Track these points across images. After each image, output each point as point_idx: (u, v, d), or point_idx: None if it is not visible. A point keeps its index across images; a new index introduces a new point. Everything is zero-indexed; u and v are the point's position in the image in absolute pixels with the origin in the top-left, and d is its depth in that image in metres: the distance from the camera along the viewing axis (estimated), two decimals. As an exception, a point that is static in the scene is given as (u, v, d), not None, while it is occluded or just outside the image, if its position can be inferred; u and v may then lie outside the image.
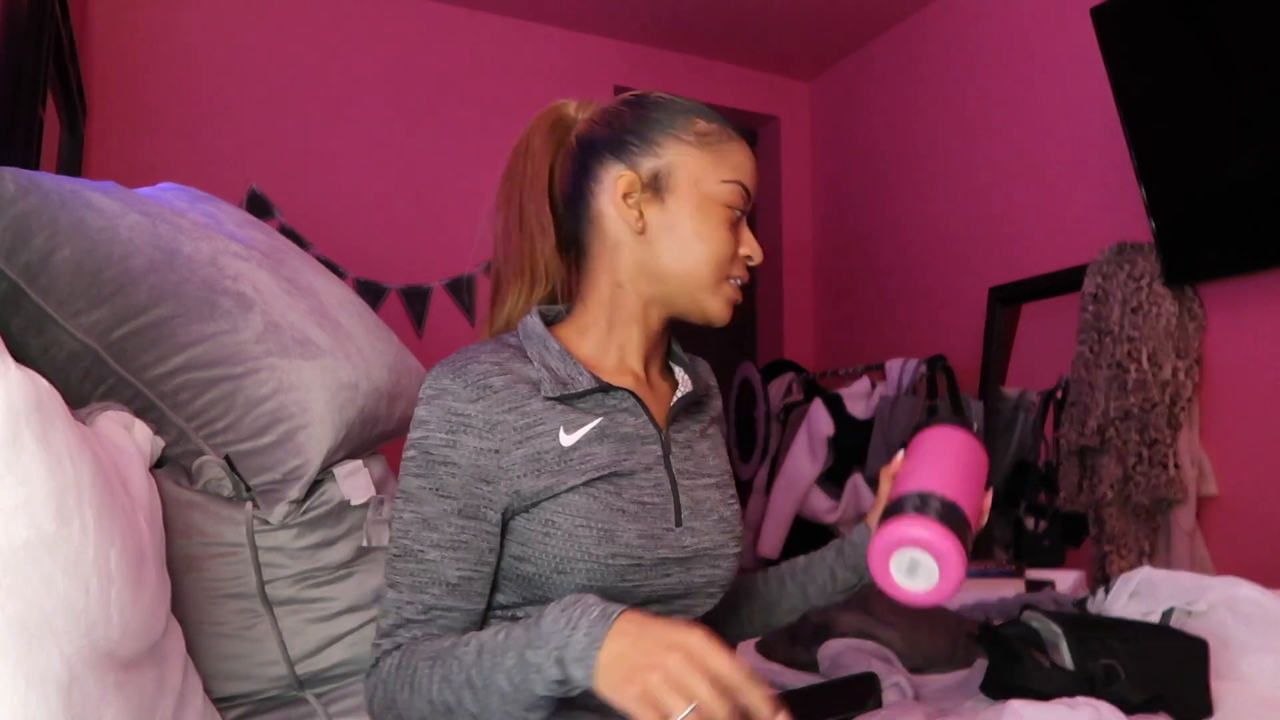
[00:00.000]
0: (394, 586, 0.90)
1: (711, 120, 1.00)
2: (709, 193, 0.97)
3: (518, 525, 0.91)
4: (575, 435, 0.92)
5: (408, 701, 0.85)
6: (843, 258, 3.86)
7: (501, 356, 0.94)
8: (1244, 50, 2.22)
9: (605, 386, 0.95)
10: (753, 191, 1.00)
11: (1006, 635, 1.27)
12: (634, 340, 1.01)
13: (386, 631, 0.90)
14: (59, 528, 0.68)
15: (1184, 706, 1.18)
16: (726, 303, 0.99)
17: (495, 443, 0.90)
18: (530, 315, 1.00)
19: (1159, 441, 2.35)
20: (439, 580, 0.89)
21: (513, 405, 0.91)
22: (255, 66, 3.05)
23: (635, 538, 0.91)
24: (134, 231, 1.14)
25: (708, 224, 0.97)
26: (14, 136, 1.51)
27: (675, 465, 0.98)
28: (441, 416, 0.90)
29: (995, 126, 3.12)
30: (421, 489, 0.90)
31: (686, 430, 1.03)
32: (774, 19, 3.51)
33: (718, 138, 0.99)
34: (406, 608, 0.89)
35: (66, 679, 0.67)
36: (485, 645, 0.82)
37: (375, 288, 3.16)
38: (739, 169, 0.99)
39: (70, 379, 1.12)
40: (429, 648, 0.87)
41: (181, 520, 1.08)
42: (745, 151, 1.01)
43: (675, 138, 0.98)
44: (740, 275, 1.00)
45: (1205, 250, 2.35)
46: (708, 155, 0.98)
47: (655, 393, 1.02)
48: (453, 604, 0.89)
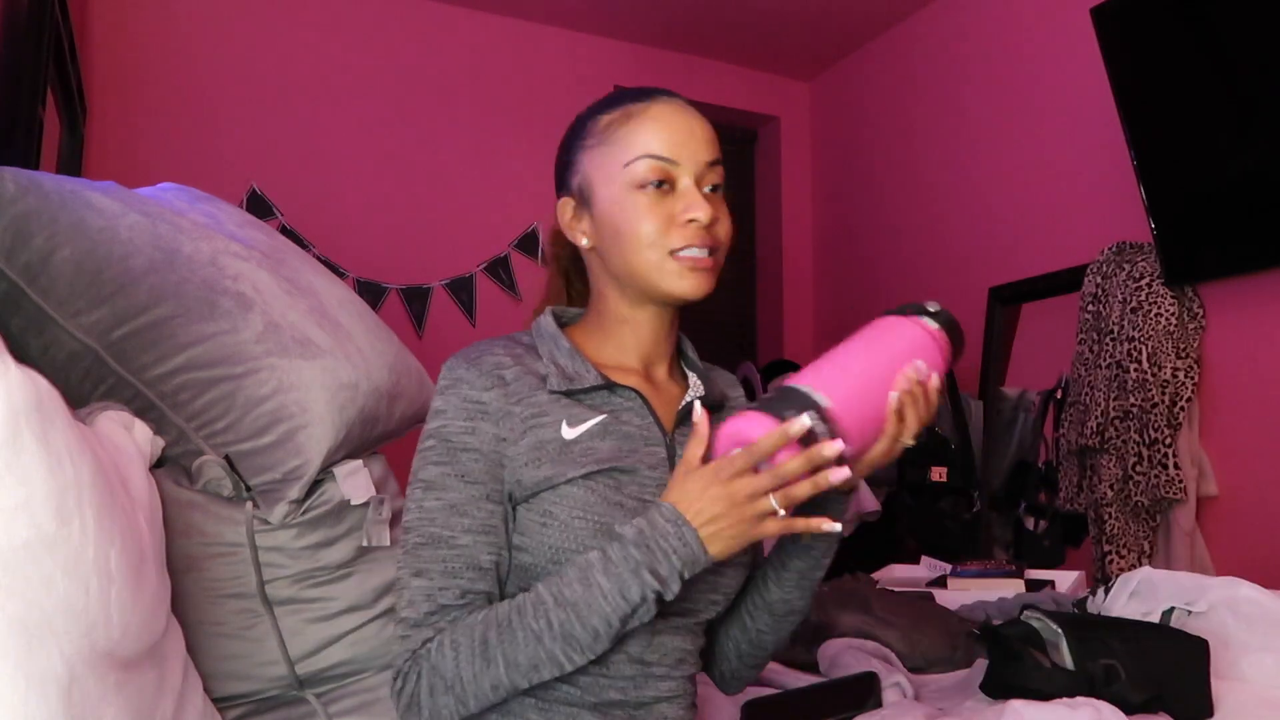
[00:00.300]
0: (422, 574, 0.90)
1: (613, 108, 0.99)
2: (619, 183, 0.96)
3: (518, 515, 0.93)
4: (578, 429, 0.94)
5: (478, 673, 0.85)
6: (842, 257, 3.86)
7: (514, 351, 0.97)
8: (1244, 50, 2.22)
9: (611, 385, 0.97)
10: (672, 153, 0.95)
11: (1006, 635, 1.27)
12: (629, 341, 1.02)
13: (419, 621, 0.89)
14: (59, 528, 0.68)
15: (1184, 706, 1.18)
16: (682, 275, 0.95)
17: (506, 431, 0.93)
18: (544, 315, 1.03)
19: (1159, 441, 2.35)
20: (473, 564, 0.90)
21: (521, 397, 0.94)
22: (255, 66, 3.05)
23: None
24: (134, 231, 1.14)
25: (624, 213, 0.96)
26: (14, 136, 1.51)
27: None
28: (459, 405, 0.93)
29: (995, 126, 3.12)
30: (445, 476, 0.91)
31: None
32: (774, 19, 3.51)
33: (619, 123, 0.98)
34: (441, 594, 0.89)
35: (66, 679, 0.67)
36: (565, 597, 0.85)
37: (375, 288, 3.16)
38: (644, 142, 0.96)
39: (70, 379, 1.12)
40: (486, 618, 0.87)
41: (181, 520, 1.08)
42: (656, 118, 0.97)
43: (582, 147, 1.00)
44: (689, 241, 0.95)
45: (1205, 250, 2.35)
46: (607, 149, 0.97)
47: (663, 395, 1.03)
48: (484, 588, 0.90)
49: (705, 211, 0.94)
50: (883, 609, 1.63)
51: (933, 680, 1.49)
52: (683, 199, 0.96)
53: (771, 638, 1.06)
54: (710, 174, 0.98)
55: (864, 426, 0.89)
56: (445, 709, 0.86)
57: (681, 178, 0.96)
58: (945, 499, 2.97)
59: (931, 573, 2.31)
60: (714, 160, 0.98)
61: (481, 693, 0.86)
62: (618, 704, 0.94)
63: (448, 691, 0.86)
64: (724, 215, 0.99)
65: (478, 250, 3.37)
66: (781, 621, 1.04)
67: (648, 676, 0.95)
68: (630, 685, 0.94)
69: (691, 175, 0.96)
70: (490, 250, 3.38)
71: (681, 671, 0.99)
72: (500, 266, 3.39)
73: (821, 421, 0.83)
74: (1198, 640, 1.25)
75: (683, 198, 0.96)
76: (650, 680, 0.95)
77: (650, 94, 0.99)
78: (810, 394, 0.84)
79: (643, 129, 0.96)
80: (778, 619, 1.04)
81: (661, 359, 1.05)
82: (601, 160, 0.98)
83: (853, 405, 0.86)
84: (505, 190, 3.37)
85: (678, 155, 0.96)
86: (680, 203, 0.95)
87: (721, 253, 0.99)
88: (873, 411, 0.89)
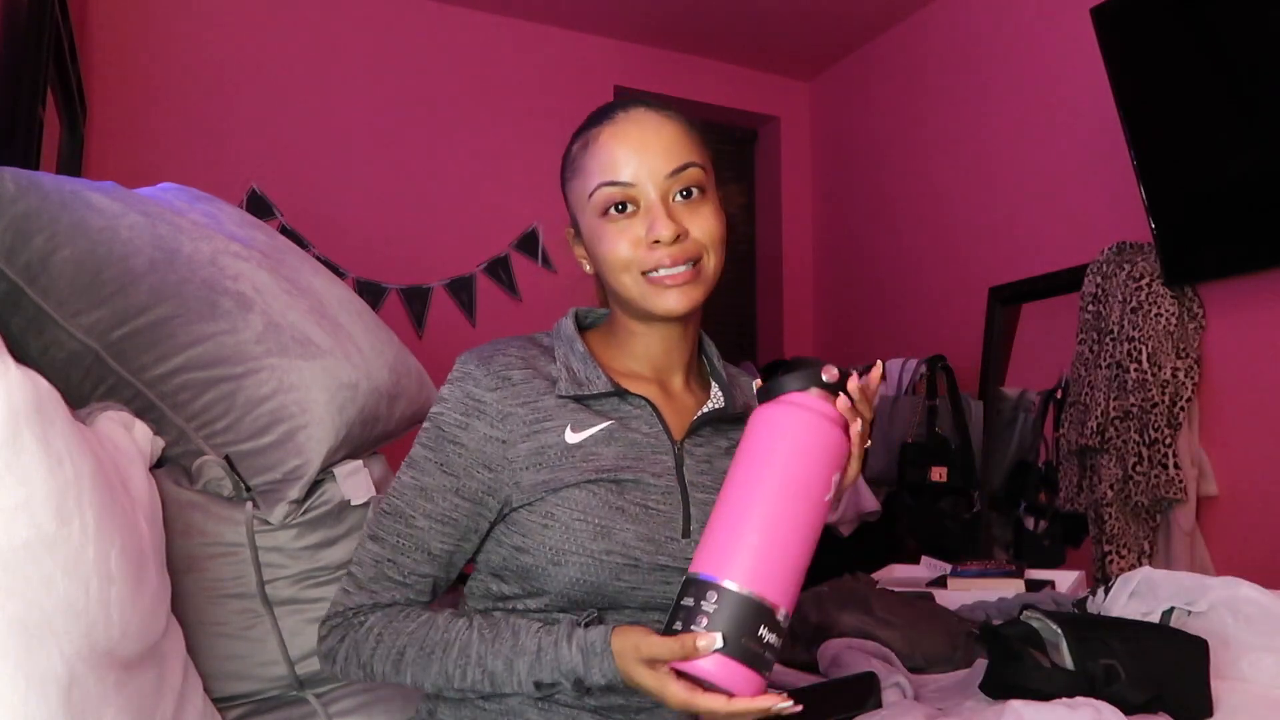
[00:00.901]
0: (377, 540, 0.95)
1: (580, 135, 0.99)
2: (589, 212, 0.97)
3: (519, 517, 0.93)
4: (582, 434, 0.94)
5: (386, 673, 0.91)
6: (843, 257, 3.86)
7: (528, 353, 0.98)
8: (1244, 50, 2.22)
9: (622, 392, 0.97)
10: (627, 175, 0.93)
11: (1006, 635, 1.27)
12: (640, 352, 1.02)
13: (362, 583, 0.95)
14: (59, 528, 0.68)
15: (1184, 706, 1.18)
16: (661, 295, 0.94)
17: (504, 433, 0.93)
18: (566, 317, 1.04)
19: (1159, 441, 2.35)
20: (423, 547, 0.94)
21: (526, 399, 0.94)
22: (255, 66, 3.05)
23: (633, 538, 0.92)
24: (134, 232, 1.14)
25: (599, 242, 0.96)
26: (14, 136, 1.51)
27: (689, 477, 0.98)
28: (460, 398, 0.95)
29: (995, 126, 3.12)
30: (426, 459, 0.95)
31: (709, 445, 1.02)
32: (774, 19, 3.51)
33: (581, 152, 0.98)
34: (388, 565, 0.94)
35: (66, 679, 0.67)
36: (485, 664, 0.88)
37: (375, 288, 3.16)
38: (600, 168, 0.94)
39: (70, 379, 1.12)
40: (416, 633, 0.91)
41: (181, 520, 1.08)
42: (607, 142, 0.95)
43: (565, 181, 1.01)
44: (658, 263, 0.93)
45: (1205, 250, 2.35)
46: (577, 181, 0.98)
47: (677, 403, 1.03)
48: (429, 572, 0.95)
49: (668, 229, 0.92)
50: (883, 609, 1.63)
51: (933, 680, 1.49)
52: (645, 218, 0.94)
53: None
54: (675, 182, 0.94)
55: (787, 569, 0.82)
56: (353, 676, 0.94)
57: (642, 197, 0.94)
58: (945, 499, 2.97)
59: (931, 573, 2.31)
60: (679, 167, 0.94)
61: (387, 682, 0.95)
62: (619, 708, 0.95)
63: (360, 668, 0.93)
64: (701, 219, 0.95)
65: (478, 250, 3.37)
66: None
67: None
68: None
69: (654, 191, 0.94)
70: (490, 250, 3.38)
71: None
72: (500, 266, 3.39)
73: (735, 601, 0.78)
74: (1198, 640, 1.25)
75: (645, 217, 0.94)
76: None
77: (606, 113, 0.97)
78: (723, 586, 0.78)
79: (598, 155, 0.95)
80: None
81: (676, 369, 1.04)
82: (575, 191, 0.99)
83: (769, 564, 0.80)
84: (505, 190, 3.37)
85: (634, 175, 0.93)
86: (643, 223, 0.94)
87: (708, 258, 0.95)
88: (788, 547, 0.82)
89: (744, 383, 1.10)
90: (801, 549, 0.82)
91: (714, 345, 1.09)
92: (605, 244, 0.95)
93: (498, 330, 3.14)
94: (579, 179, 0.98)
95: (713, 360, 1.08)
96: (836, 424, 0.85)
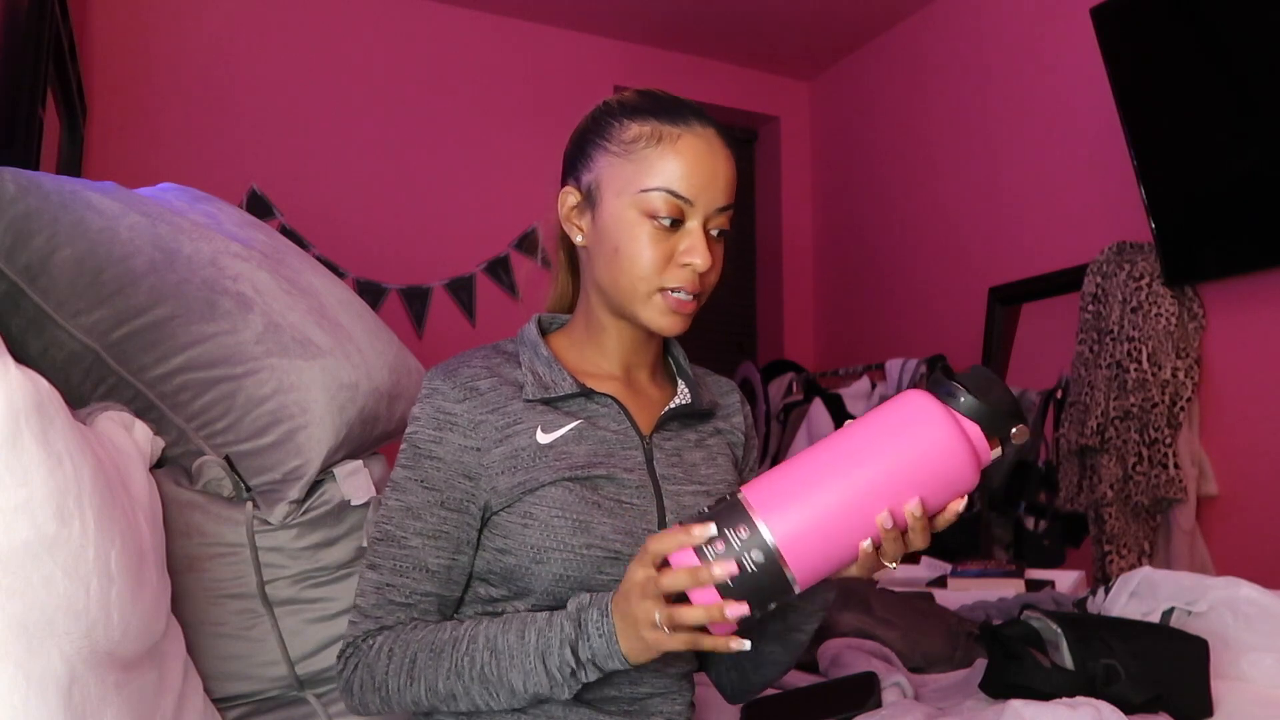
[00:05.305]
0: (375, 568, 0.95)
1: (645, 120, 0.95)
2: (630, 203, 0.94)
3: (500, 520, 0.95)
4: (553, 435, 0.95)
5: (401, 687, 0.90)
6: (843, 257, 3.86)
7: (493, 362, 0.99)
8: (1244, 50, 2.22)
9: (588, 391, 0.98)
10: (692, 194, 0.93)
11: (1006, 635, 1.27)
12: (610, 346, 1.02)
13: (367, 611, 0.95)
14: (59, 528, 0.68)
15: (1184, 706, 1.18)
16: (662, 314, 0.95)
17: (478, 441, 0.94)
18: (529, 323, 1.04)
19: (1159, 441, 2.35)
20: (421, 566, 0.94)
21: (495, 406, 0.96)
22: (255, 66, 3.05)
23: (611, 532, 0.93)
24: (134, 232, 1.14)
25: (625, 236, 0.94)
26: (14, 136, 1.51)
27: (659, 470, 0.99)
28: (431, 414, 0.96)
29: (995, 126, 3.12)
30: (408, 480, 0.96)
31: (677, 438, 1.03)
32: (774, 19, 3.51)
33: (647, 142, 0.94)
34: (389, 590, 0.94)
35: (67, 679, 0.67)
36: (495, 644, 0.88)
37: (375, 288, 3.16)
38: (668, 174, 0.93)
39: (70, 379, 1.12)
40: (425, 638, 0.91)
41: (181, 520, 1.08)
42: (684, 152, 0.94)
43: (602, 149, 0.97)
44: (681, 284, 0.94)
45: (1205, 250, 2.35)
46: (629, 165, 0.94)
47: (643, 399, 1.03)
48: (432, 589, 0.95)
49: (704, 259, 0.93)
50: (883, 609, 1.63)
51: (933, 680, 1.49)
52: (686, 239, 0.94)
53: (757, 677, 1.06)
54: (719, 218, 0.96)
55: (828, 555, 0.79)
56: (372, 704, 0.93)
57: (692, 218, 0.94)
58: (945, 499, 2.96)
59: (931, 573, 2.31)
60: (726, 206, 0.96)
61: (404, 704, 0.91)
62: (612, 699, 0.96)
63: (375, 691, 0.92)
64: (718, 261, 0.97)
65: (478, 250, 3.37)
66: (763, 667, 1.05)
67: (641, 671, 0.95)
68: (625, 681, 0.96)
69: (702, 218, 0.94)
70: (490, 250, 3.38)
71: (675, 669, 1.00)
72: (500, 266, 3.39)
73: (759, 550, 0.76)
74: (1198, 640, 1.25)
75: (687, 238, 0.94)
76: (645, 676, 0.97)
77: (687, 118, 0.96)
78: (758, 525, 0.77)
79: (669, 159, 0.93)
80: (757, 665, 1.05)
81: (643, 364, 1.05)
82: (620, 172, 0.95)
83: (812, 538, 0.77)
84: (505, 190, 3.37)
85: (696, 196, 0.94)
86: (684, 243, 0.94)
87: (703, 298, 0.98)
88: (844, 537, 0.78)
89: (710, 381, 1.11)
90: (850, 548, 0.79)
91: (681, 347, 1.09)
92: (637, 244, 0.94)
93: (498, 330, 3.14)
94: (633, 164, 0.94)
95: (679, 359, 1.09)
96: (976, 472, 0.80)
